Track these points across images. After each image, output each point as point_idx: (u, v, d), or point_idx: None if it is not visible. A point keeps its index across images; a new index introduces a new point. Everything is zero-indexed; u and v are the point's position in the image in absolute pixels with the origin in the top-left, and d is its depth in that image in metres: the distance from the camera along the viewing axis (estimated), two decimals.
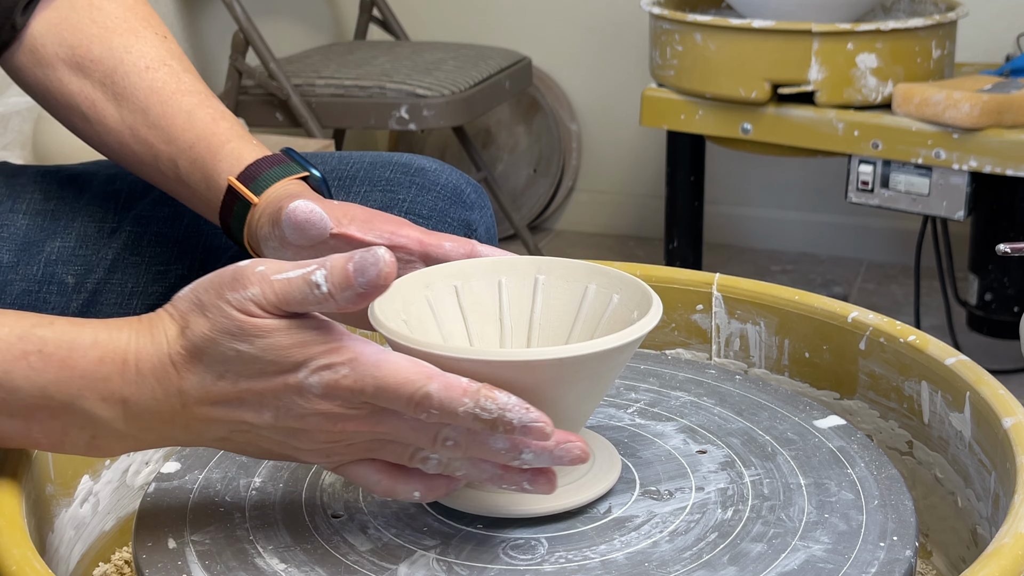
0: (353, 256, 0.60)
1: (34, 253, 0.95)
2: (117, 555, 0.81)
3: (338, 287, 0.59)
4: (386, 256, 0.59)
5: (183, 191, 0.87)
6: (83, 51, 0.87)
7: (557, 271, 0.75)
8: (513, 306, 0.75)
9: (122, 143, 0.87)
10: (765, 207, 2.96)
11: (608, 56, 2.95)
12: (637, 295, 0.72)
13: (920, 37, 2.02)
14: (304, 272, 0.60)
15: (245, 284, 0.60)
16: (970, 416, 0.75)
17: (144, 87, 0.86)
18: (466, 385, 0.59)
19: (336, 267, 0.60)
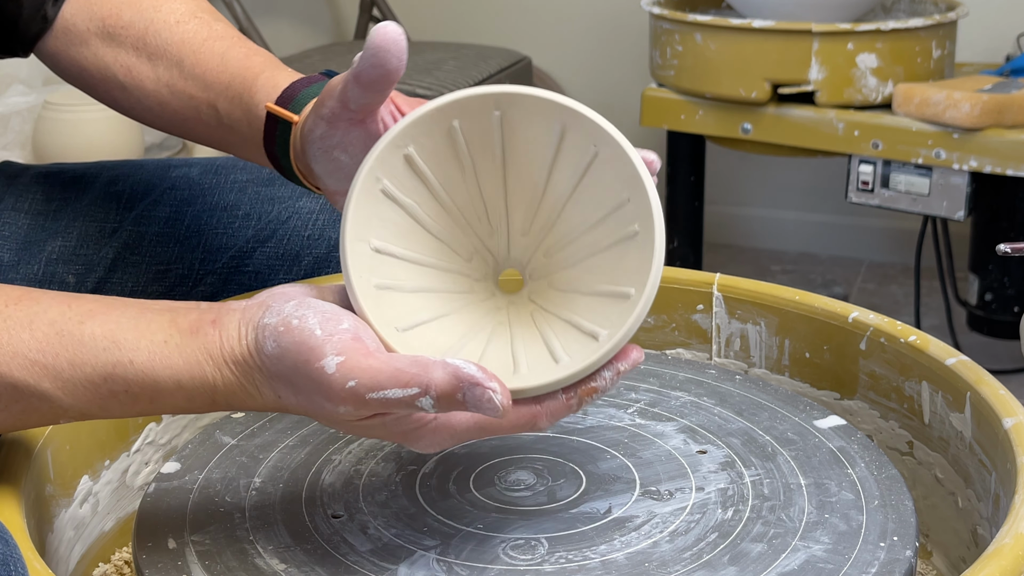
0: (462, 386, 0.58)
1: (35, 252, 0.95)
2: (117, 555, 0.81)
3: (445, 409, 0.60)
4: (503, 401, 0.59)
5: (229, 137, 0.84)
6: (113, 20, 0.86)
7: (517, 104, 0.68)
8: (472, 147, 0.69)
9: (162, 103, 0.85)
10: (765, 207, 2.95)
11: (608, 56, 2.95)
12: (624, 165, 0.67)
13: (920, 37, 2.02)
14: (406, 395, 0.59)
15: (335, 400, 0.60)
16: (970, 416, 0.75)
17: (176, 41, 0.85)
18: (567, 403, 0.64)
19: (444, 396, 0.59)
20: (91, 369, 0.62)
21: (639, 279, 0.65)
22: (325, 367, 0.59)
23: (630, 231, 0.67)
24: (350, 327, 0.61)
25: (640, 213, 0.66)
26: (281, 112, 0.77)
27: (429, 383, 0.58)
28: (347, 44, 2.76)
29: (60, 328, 0.63)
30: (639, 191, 0.67)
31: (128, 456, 0.82)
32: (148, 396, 0.63)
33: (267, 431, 0.80)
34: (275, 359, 0.61)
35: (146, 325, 0.63)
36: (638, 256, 0.66)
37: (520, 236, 0.71)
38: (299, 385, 0.61)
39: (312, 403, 0.61)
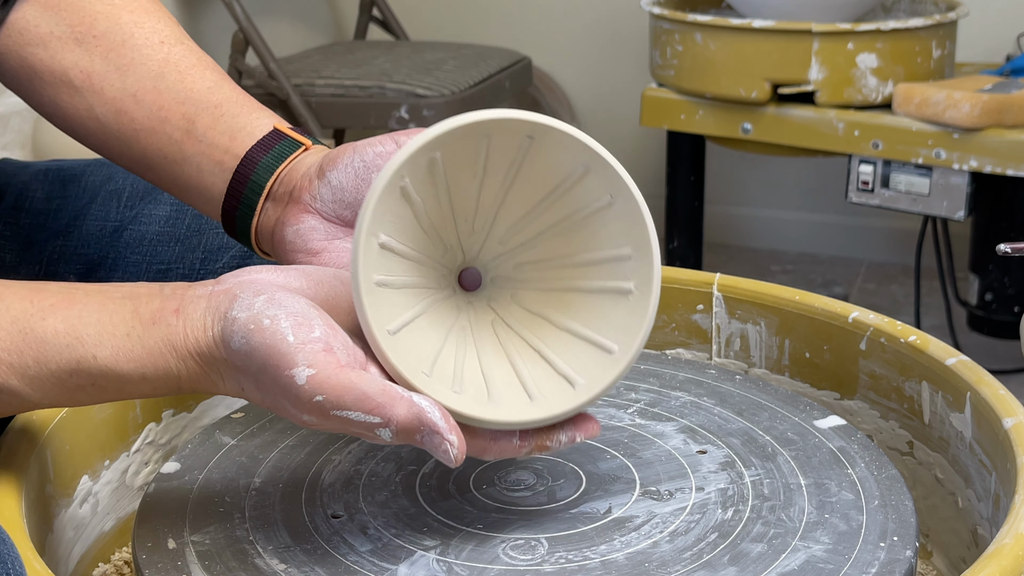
0: (422, 429, 0.60)
1: (36, 253, 0.96)
2: (117, 555, 0.81)
3: (400, 442, 0.61)
4: (457, 455, 0.60)
5: (188, 150, 0.79)
6: (85, 28, 0.83)
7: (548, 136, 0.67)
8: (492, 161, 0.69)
9: (120, 111, 0.81)
10: (765, 207, 2.96)
11: (608, 56, 2.95)
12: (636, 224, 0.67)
13: (920, 37, 2.02)
14: (367, 420, 0.60)
15: (300, 409, 0.61)
16: (971, 416, 0.75)
17: (158, 59, 0.82)
18: (519, 448, 0.65)
19: (403, 432, 0.60)
20: (56, 366, 0.63)
21: (625, 339, 0.67)
22: (296, 377, 0.60)
23: (623, 287, 0.68)
24: (321, 336, 0.61)
25: (640, 274, 0.67)
26: (295, 135, 0.78)
27: (391, 417, 0.60)
28: (347, 44, 2.76)
29: (23, 326, 0.63)
30: (644, 255, 0.67)
31: (128, 456, 0.82)
32: (115, 388, 0.64)
33: (267, 431, 0.80)
34: (243, 356, 0.61)
35: (108, 317, 0.64)
36: (627, 314, 0.67)
37: (496, 243, 0.71)
38: (265, 385, 0.62)
39: (276, 403, 0.62)
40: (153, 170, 0.81)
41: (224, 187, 0.77)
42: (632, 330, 0.66)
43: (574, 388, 0.66)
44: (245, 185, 0.76)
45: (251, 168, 0.76)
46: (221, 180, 0.77)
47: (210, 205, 0.79)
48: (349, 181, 0.72)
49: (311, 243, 0.73)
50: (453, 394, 0.64)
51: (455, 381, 0.66)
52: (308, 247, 0.73)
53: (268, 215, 0.76)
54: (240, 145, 0.77)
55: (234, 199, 0.77)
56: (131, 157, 0.82)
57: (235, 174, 0.77)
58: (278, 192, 0.76)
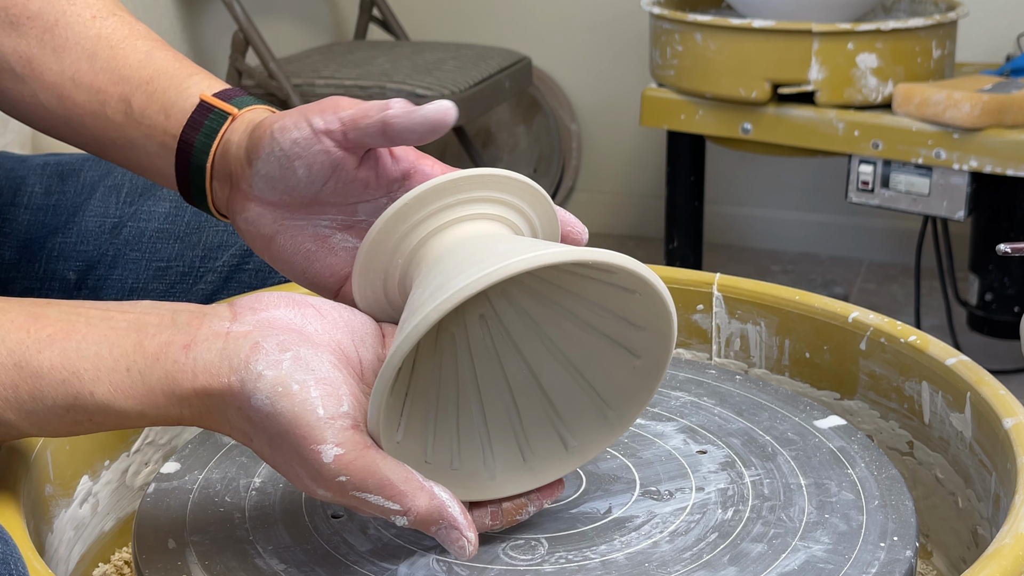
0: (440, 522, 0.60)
1: (36, 250, 0.96)
2: (117, 555, 0.81)
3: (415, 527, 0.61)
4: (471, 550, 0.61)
5: (131, 133, 0.76)
6: (18, 9, 0.79)
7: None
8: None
9: (62, 96, 0.77)
10: (765, 207, 2.96)
11: (608, 56, 2.95)
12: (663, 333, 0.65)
13: (920, 37, 2.02)
14: (385, 506, 0.59)
15: (319, 483, 0.59)
16: (971, 416, 0.75)
17: (91, 35, 0.78)
18: (491, 525, 0.66)
19: (420, 522, 0.60)
20: (52, 401, 0.61)
21: (625, 405, 0.67)
22: (323, 455, 0.58)
23: (633, 349, 0.66)
24: (349, 411, 0.59)
25: (651, 351, 0.65)
26: (220, 104, 0.73)
27: (411, 508, 0.59)
28: (347, 44, 2.76)
29: (18, 359, 0.60)
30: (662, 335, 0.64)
31: (128, 456, 0.82)
32: (113, 423, 0.62)
33: None
34: (264, 415, 0.59)
35: (108, 351, 0.60)
36: (630, 380, 0.66)
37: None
38: (282, 449, 0.59)
39: (289, 468, 0.60)
40: (106, 153, 0.78)
41: (171, 170, 0.74)
42: (633, 398, 0.67)
43: (567, 451, 0.67)
44: (189, 168, 0.73)
45: (189, 151, 0.73)
46: (168, 163, 0.74)
47: (167, 182, 0.76)
48: (275, 171, 0.68)
49: (262, 229, 0.70)
50: (452, 471, 0.65)
51: (454, 455, 0.66)
52: (261, 232, 0.70)
53: (219, 195, 0.73)
54: (175, 124, 0.74)
55: (185, 181, 0.74)
56: (83, 142, 0.79)
57: (176, 157, 0.74)
58: (221, 172, 0.73)
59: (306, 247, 0.70)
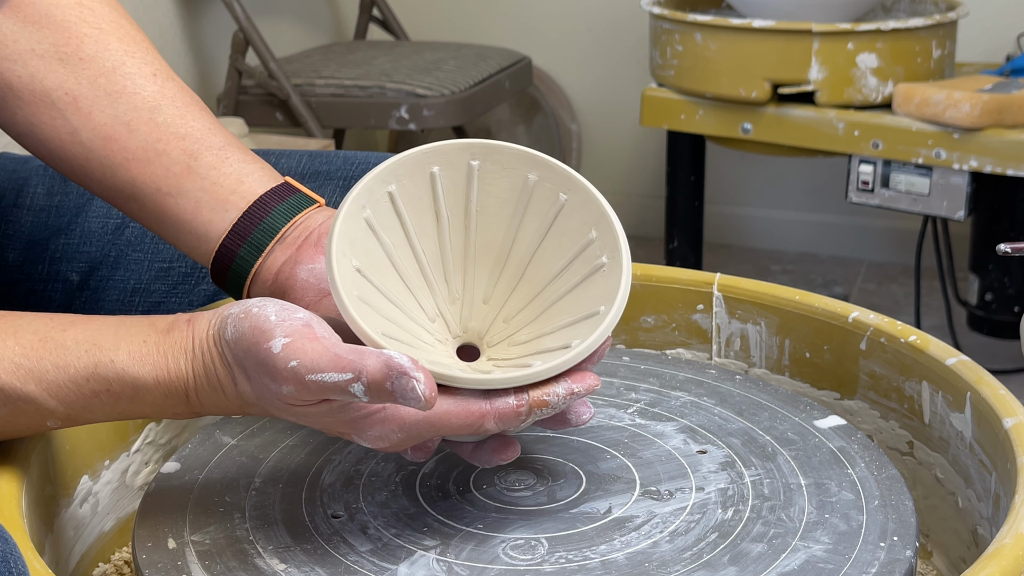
0: (391, 375, 0.59)
1: (39, 252, 0.96)
2: (117, 555, 0.81)
3: (377, 398, 0.60)
4: (426, 391, 0.59)
5: (187, 185, 0.78)
6: (70, 49, 0.81)
7: (492, 156, 0.71)
8: (448, 196, 0.72)
9: (109, 138, 0.79)
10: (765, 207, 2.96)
11: (608, 56, 2.95)
12: (591, 206, 0.70)
13: (920, 37, 2.02)
14: (340, 379, 0.60)
15: (278, 380, 0.61)
16: (971, 416, 0.75)
17: (152, 91, 0.80)
18: (517, 409, 0.63)
19: (374, 384, 0.60)
20: (74, 370, 0.65)
21: (608, 297, 0.67)
22: (272, 347, 0.61)
23: (597, 264, 0.69)
24: (304, 316, 0.63)
25: (607, 245, 0.69)
26: (307, 191, 0.78)
27: (362, 369, 0.60)
28: (347, 44, 2.76)
29: (44, 335, 0.66)
30: (606, 227, 0.69)
31: (128, 456, 0.82)
32: (129, 394, 0.66)
33: (267, 431, 0.80)
34: (232, 343, 0.63)
35: (125, 330, 0.66)
36: (605, 282, 0.68)
37: (481, 304, 0.73)
38: (249, 368, 0.63)
39: (262, 387, 0.63)
40: (138, 200, 0.79)
41: (225, 225, 0.77)
42: (612, 288, 0.67)
43: (569, 348, 0.66)
44: (255, 226, 0.76)
45: (264, 212, 0.76)
46: (222, 218, 0.77)
47: (200, 242, 0.78)
48: None
49: (323, 283, 0.74)
50: (441, 362, 0.66)
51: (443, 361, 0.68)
52: (320, 286, 0.74)
53: (273, 259, 0.76)
54: (249, 189, 0.77)
55: (239, 238, 0.76)
56: (114, 185, 0.80)
57: (244, 214, 0.76)
58: (287, 239, 0.76)
59: None
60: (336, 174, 0.97)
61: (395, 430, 0.63)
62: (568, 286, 0.70)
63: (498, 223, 0.72)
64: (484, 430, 0.63)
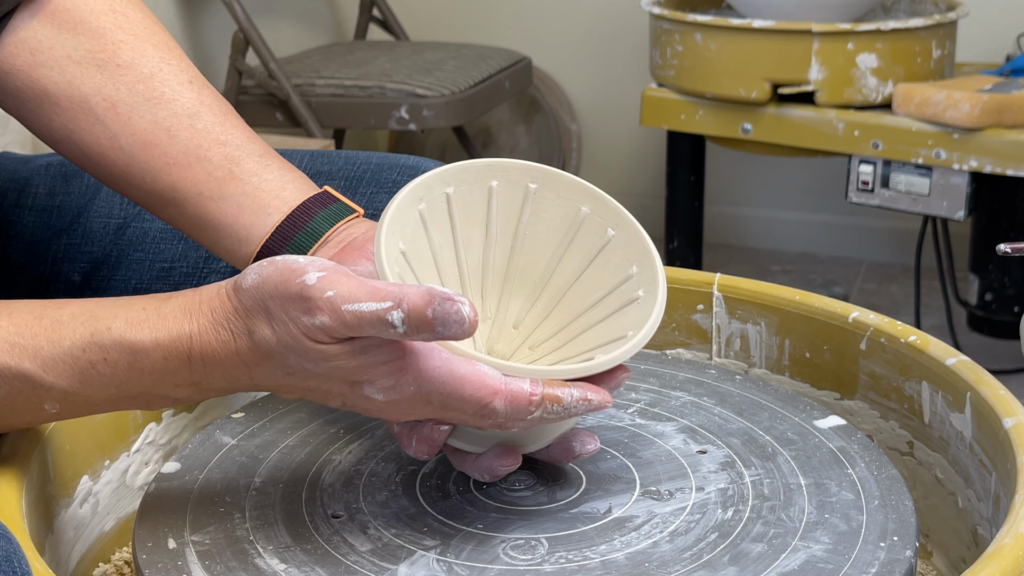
0: (433, 301, 0.58)
1: (41, 252, 0.96)
2: (117, 555, 0.81)
3: (414, 330, 0.59)
4: (470, 314, 0.58)
5: (229, 190, 0.79)
6: (107, 55, 0.80)
7: (550, 183, 0.72)
8: (501, 213, 0.73)
9: (149, 143, 0.79)
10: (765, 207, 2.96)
11: (608, 56, 2.95)
12: (636, 244, 0.70)
13: (920, 37, 2.02)
14: (379, 308, 0.59)
15: (313, 311, 0.60)
16: (971, 416, 0.75)
17: (190, 98, 0.81)
18: (530, 396, 0.62)
19: (415, 311, 0.58)
20: (70, 343, 0.65)
21: (638, 324, 0.67)
22: (306, 279, 0.60)
23: (632, 297, 0.70)
24: (331, 263, 0.62)
25: (645, 280, 0.69)
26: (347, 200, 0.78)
27: (403, 297, 0.58)
28: (347, 44, 2.76)
29: (39, 312, 0.66)
30: (647, 264, 0.70)
31: (128, 456, 0.82)
32: (127, 361, 0.64)
33: (267, 431, 0.80)
34: (256, 288, 0.62)
35: (125, 301, 0.66)
36: (637, 312, 0.69)
37: (511, 328, 0.74)
38: (274, 309, 0.61)
39: (287, 326, 0.61)
40: (178, 205, 0.80)
41: (267, 229, 0.77)
42: (643, 318, 0.67)
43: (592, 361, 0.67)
44: (298, 230, 0.76)
45: (307, 216, 0.77)
46: (263, 222, 0.77)
47: (240, 245, 0.78)
48: None
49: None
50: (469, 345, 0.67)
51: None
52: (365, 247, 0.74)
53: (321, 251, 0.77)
54: (291, 195, 0.78)
55: (282, 240, 0.77)
56: (154, 190, 0.80)
57: (287, 218, 0.77)
58: (329, 244, 0.77)
59: None
60: (338, 174, 0.97)
61: (410, 382, 0.62)
62: (599, 317, 0.71)
63: (544, 249, 0.73)
64: (492, 408, 0.62)
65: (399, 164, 0.97)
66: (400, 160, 0.98)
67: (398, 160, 0.98)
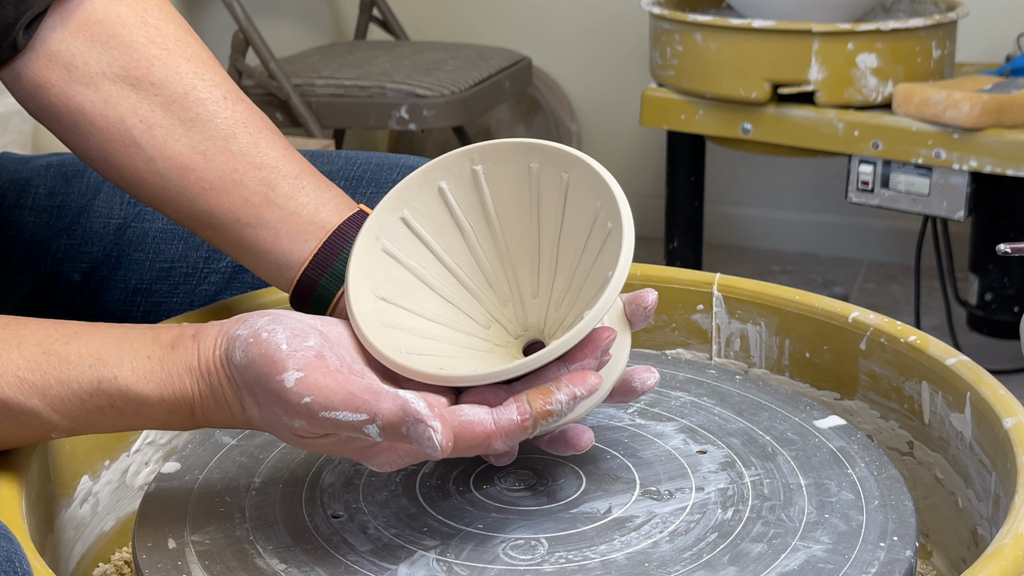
0: (407, 420, 0.60)
1: (41, 252, 0.96)
2: (117, 555, 0.81)
3: (389, 439, 0.61)
4: (443, 441, 0.60)
5: (266, 216, 0.77)
6: (140, 72, 0.78)
7: (491, 156, 0.71)
8: (463, 206, 0.72)
9: (186, 168, 0.78)
10: (765, 207, 2.96)
11: (608, 56, 2.95)
12: (590, 176, 0.69)
13: (920, 37, 2.02)
14: (355, 419, 0.60)
15: (291, 413, 0.61)
16: (970, 416, 0.75)
17: (225, 116, 0.79)
18: (522, 423, 0.63)
19: (390, 427, 0.60)
20: (77, 385, 0.65)
21: (614, 262, 0.66)
22: (285, 380, 0.61)
23: (606, 231, 0.69)
24: (315, 345, 0.63)
25: (609, 211, 0.68)
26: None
27: (377, 412, 0.60)
28: (347, 44, 2.76)
29: (47, 348, 0.65)
30: (604, 192, 0.69)
31: (128, 456, 0.82)
32: (132, 410, 0.66)
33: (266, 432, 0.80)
34: (242, 368, 0.63)
35: (129, 344, 0.66)
36: (613, 247, 0.68)
37: (531, 299, 0.73)
38: (260, 396, 0.63)
39: (272, 415, 0.63)
40: (216, 229, 0.78)
41: (306, 255, 0.76)
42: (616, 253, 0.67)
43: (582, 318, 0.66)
44: (336, 256, 0.76)
45: (344, 242, 0.76)
46: (301, 248, 0.76)
47: (280, 271, 0.78)
48: None
49: None
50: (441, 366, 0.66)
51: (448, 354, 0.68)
52: None
53: None
54: (327, 219, 0.77)
55: (320, 267, 0.76)
56: (192, 214, 0.79)
57: (324, 244, 0.76)
58: None
59: None
60: (338, 174, 0.97)
61: (403, 456, 0.64)
62: (591, 259, 0.70)
63: (519, 218, 0.72)
64: (494, 448, 0.63)
65: (399, 164, 0.97)
66: (400, 160, 0.98)
67: (398, 160, 0.98)
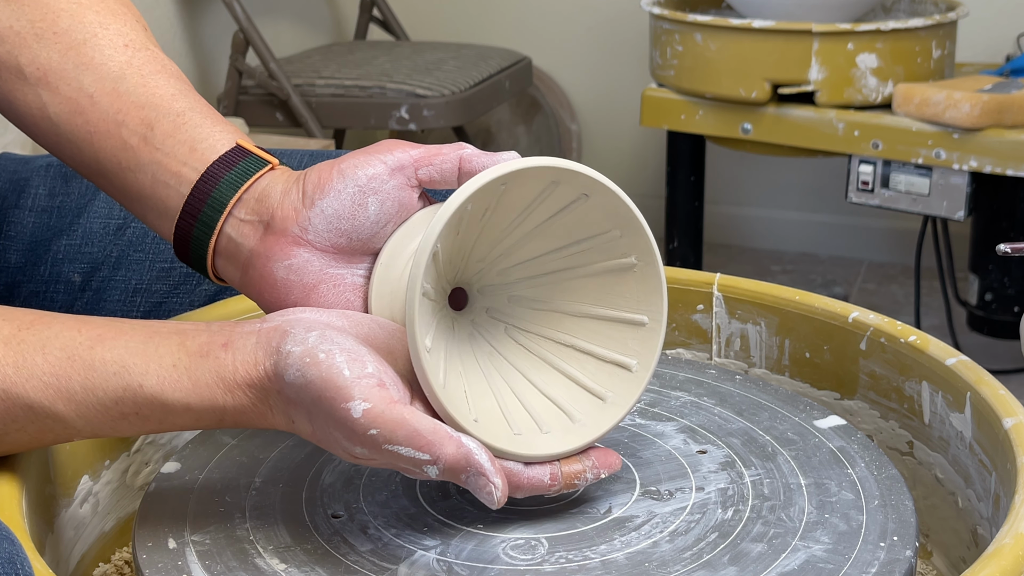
0: (469, 469, 0.61)
1: (41, 253, 0.96)
2: (117, 555, 0.81)
3: (445, 478, 0.62)
4: (499, 496, 0.62)
5: (143, 157, 0.74)
6: (46, 24, 0.77)
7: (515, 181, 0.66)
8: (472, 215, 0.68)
9: (74, 112, 0.75)
10: (765, 207, 2.96)
11: (608, 56, 2.95)
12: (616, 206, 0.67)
13: (920, 37, 2.02)
14: (416, 457, 0.61)
15: (353, 440, 0.62)
16: (971, 416, 0.75)
17: (121, 60, 0.76)
18: (550, 485, 0.66)
19: (450, 471, 0.62)
20: (103, 393, 0.64)
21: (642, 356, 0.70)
22: (352, 411, 0.61)
23: (625, 263, 0.69)
24: (374, 371, 0.62)
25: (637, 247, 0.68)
26: (261, 153, 0.73)
27: (440, 456, 0.61)
28: (347, 44, 2.76)
29: (71, 353, 0.64)
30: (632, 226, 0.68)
31: (128, 456, 0.82)
32: (157, 417, 0.65)
33: (267, 431, 0.80)
34: (297, 388, 0.62)
35: (154, 349, 0.64)
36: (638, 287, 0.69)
37: (475, 262, 0.70)
38: (317, 417, 0.63)
39: (328, 436, 0.63)
40: (105, 176, 0.76)
41: (180, 201, 0.73)
42: (648, 348, 0.69)
43: (605, 403, 0.69)
44: (204, 202, 0.72)
45: (212, 184, 0.72)
46: (176, 193, 0.73)
47: (163, 220, 0.74)
48: (345, 208, 0.69)
49: (306, 277, 0.70)
50: (505, 435, 0.66)
51: (503, 423, 0.68)
52: (304, 281, 0.70)
53: (243, 241, 0.72)
54: (200, 158, 0.73)
55: (191, 216, 0.72)
56: (83, 161, 0.77)
57: (194, 188, 0.72)
58: (252, 217, 0.72)
59: (346, 297, 0.71)
60: None
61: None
62: (584, 270, 0.70)
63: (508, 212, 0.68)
64: (514, 498, 0.66)
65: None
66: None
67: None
